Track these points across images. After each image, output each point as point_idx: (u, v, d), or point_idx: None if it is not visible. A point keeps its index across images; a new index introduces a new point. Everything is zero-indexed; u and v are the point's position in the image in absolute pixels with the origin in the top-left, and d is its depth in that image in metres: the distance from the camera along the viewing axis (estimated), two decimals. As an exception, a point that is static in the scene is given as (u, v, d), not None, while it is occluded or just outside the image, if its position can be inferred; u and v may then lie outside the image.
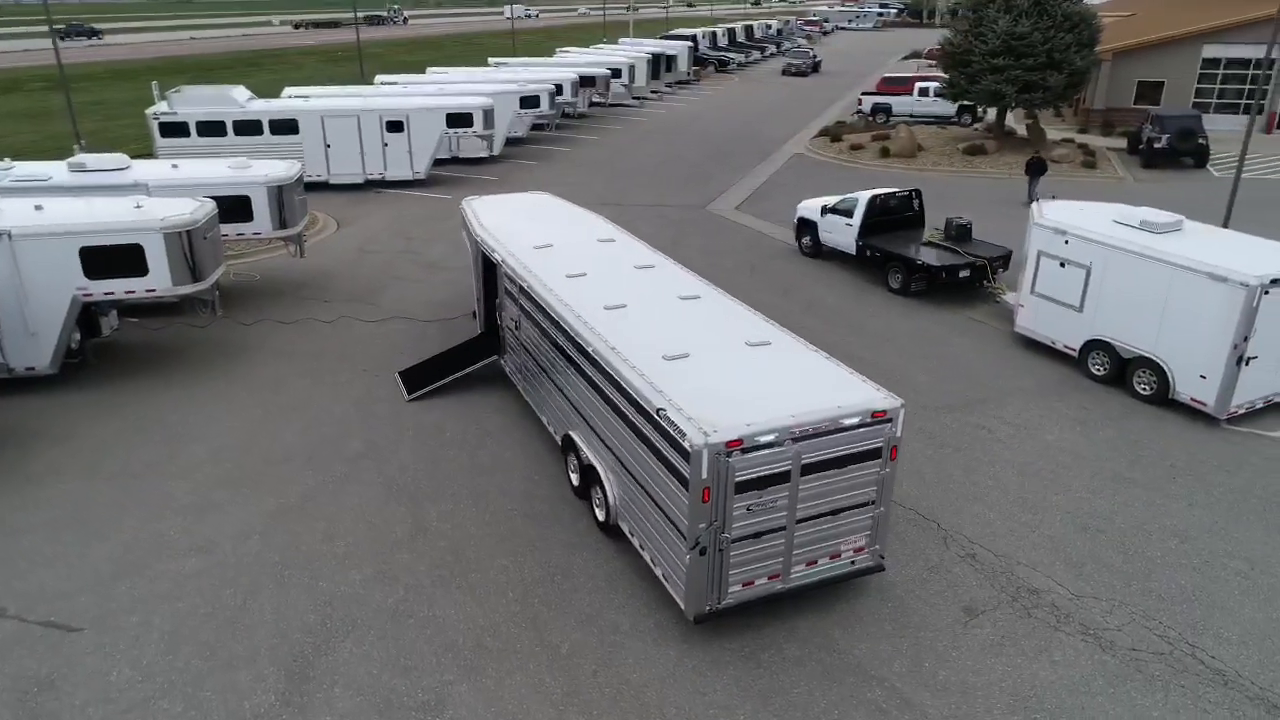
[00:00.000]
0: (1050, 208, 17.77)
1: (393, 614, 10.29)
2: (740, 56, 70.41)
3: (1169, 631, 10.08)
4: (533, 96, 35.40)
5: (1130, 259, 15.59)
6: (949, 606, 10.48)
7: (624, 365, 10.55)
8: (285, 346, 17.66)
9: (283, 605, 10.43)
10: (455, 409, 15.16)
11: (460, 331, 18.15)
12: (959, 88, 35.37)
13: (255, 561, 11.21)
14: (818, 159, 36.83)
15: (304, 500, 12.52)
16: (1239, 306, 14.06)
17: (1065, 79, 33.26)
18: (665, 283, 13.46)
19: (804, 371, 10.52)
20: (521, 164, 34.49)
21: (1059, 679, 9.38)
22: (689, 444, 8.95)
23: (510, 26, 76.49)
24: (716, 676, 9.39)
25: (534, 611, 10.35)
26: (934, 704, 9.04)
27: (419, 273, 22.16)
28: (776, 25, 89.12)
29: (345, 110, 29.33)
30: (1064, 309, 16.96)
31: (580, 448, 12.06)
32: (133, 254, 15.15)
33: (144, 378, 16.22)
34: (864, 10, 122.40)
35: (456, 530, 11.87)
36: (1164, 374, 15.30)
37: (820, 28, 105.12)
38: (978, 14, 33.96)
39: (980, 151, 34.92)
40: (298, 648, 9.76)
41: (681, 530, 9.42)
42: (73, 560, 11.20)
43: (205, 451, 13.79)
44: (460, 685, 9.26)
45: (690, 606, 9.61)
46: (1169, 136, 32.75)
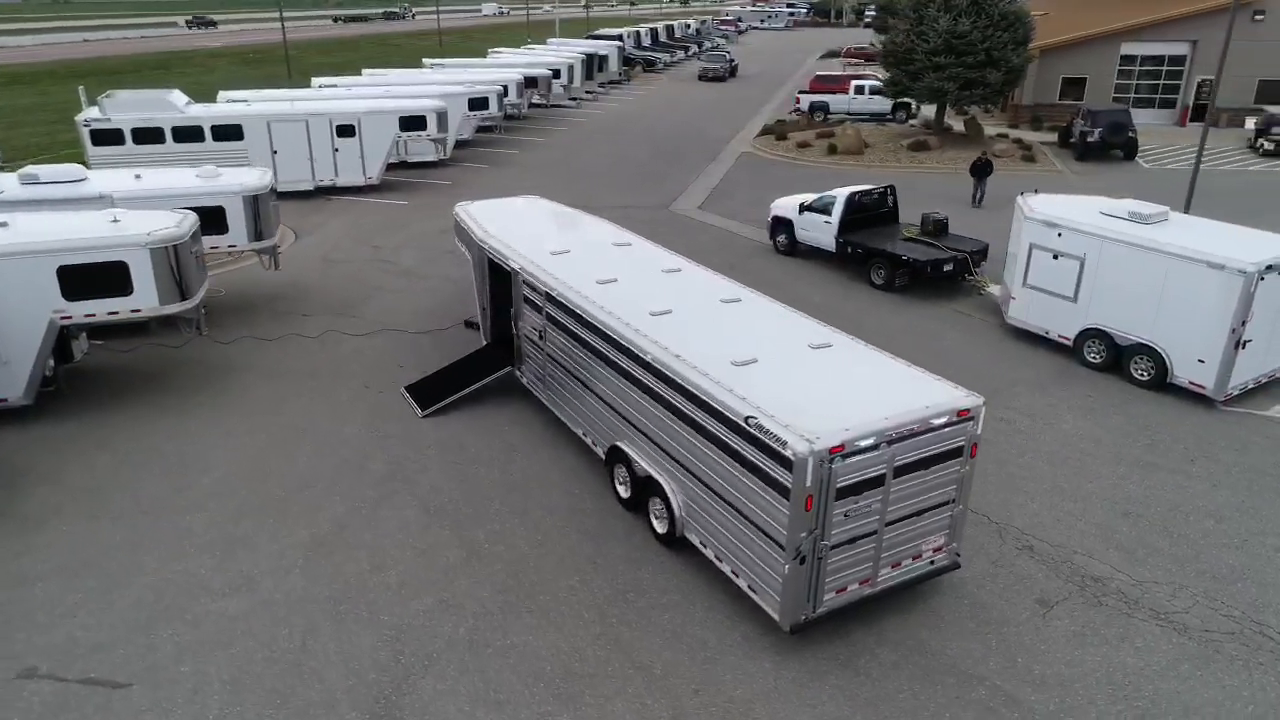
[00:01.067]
0: (1038, 201, 18.24)
1: (468, 644, 9.78)
2: (666, 56, 70.58)
3: (1232, 611, 10.40)
4: (481, 98, 34.60)
5: (1126, 249, 16.11)
6: (1023, 600, 10.57)
7: (693, 373, 10.28)
8: (274, 365, 16.71)
9: (347, 643, 9.78)
10: (472, 424, 14.59)
11: (456, 342, 17.55)
12: (901, 85, 36.19)
13: (303, 597, 10.50)
14: (766, 157, 37.11)
15: (338, 529, 11.82)
16: (1237, 292, 14.66)
17: (1003, 76, 34.40)
18: (699, 286, 13.24)
19: (875, 372, 10.46)
20: (472, 168, 33.68)
21: (1147, 665, 9.56)
22: (792, 452, 8.75)
23: (436, 26, 74.77)
24: (820, 687, 9.22)
25: (615, 632, 9.99)
26: (1039, 699, 9.08)
27: (395, 282, 21.33)
28: (695, 25, 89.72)
29: (293, 114, 28.05)
30: (1058, 300, 17.42)
31: (633, 459, 11.73)
32: (116, 272, 14.05)
33: (128, 405, 15.08)
34: (775, 10, 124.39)
35: (510, 551, 11.38)
36: (1162, 360, 15.86)
37: (736, 27, 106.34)
38: (918, 13, 34.78)
39: (924, 147, 35.79)
40: (375, 688, 9.17)
41: (778, 540, 9.21)
42: (97, 608, 10.28)
43: (214, 482, 12.88)
44: (562, 716, 8.84)
45: (786, 617, 9.42)
46: (1101, 130, 34.19)
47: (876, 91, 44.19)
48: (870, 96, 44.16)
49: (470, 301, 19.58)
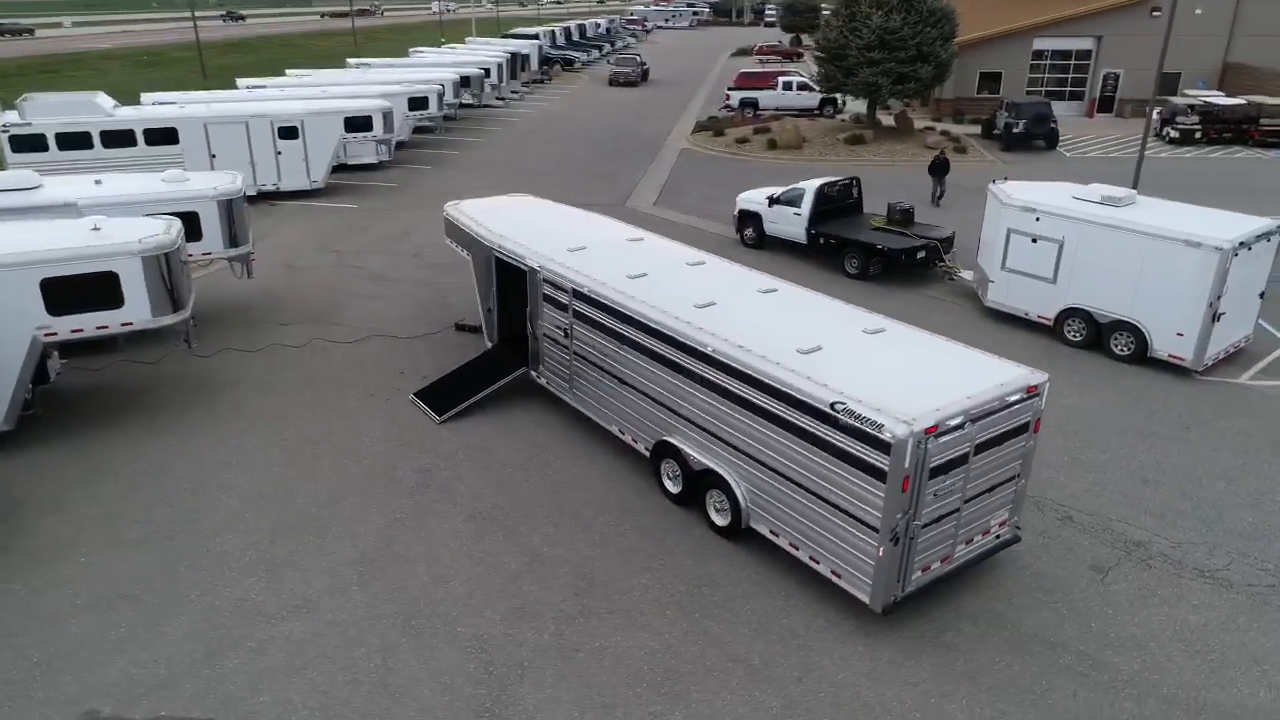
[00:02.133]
0: (1010, 188, 18.96)
1: (557, 650, 9.53)
2: (583, 55, 70.34)
3: (1266, 565, 11.05)
4: (421, 98, 33.74)
5: (1104, 231, 16.90)
6: (1078, 567, 10.98)
7: (762, 363, 10.28)
8: (265, 377, 15.90)
9: (430, 658, 9.40)
10: (494, 428, 14.22)
11: (451, 346, 17.13)
12: (836, 80, 37.04)
13: (369, 615, 10.04)
14: (707, 153, 37.42)
15: (386, 542, 11.34)
16: (1213, 268, 15.57)
17: (933, 70, 35.65)
18: (731, 277, 13.27)
19: (935, 354, 10.69)
20: (416, 169, 32.81)
21: (1207, 622, 10.06)
22: (890, 435, 8.85)
23: (351, 26, 72.53)
24: (916, 665, 9.37)
25: (702, 626, 9.91)
26: (1122, 661, 9.45)
27: (369, 287, 20.60)
28: (605, 24, 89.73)
29: (232, 116, 26.77)
30: (1037, 282, 18.16)
31: (686, 453, 11.65)
32: (105, 283, 13.12)
33: (120, 426, 14.10)
34: (679, 10, 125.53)
35: (571, 554, 11.15)
36: (1142, 335, 16.72)
37: (643, 26, 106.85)
38: (850, 10, 35.68)
39: (860, 141, 36.74)
40: (474, 701, 8.84)
41: (869, 523, 9.31)
42: (148, 641, 9.59)
43: (238, 501, 12.18)
44: (675, 714, 8.72)
45: (877, 599, 9.53)
46: (1025, 122, 35.84)
47: (804, 87, 45.18)
48: (798, 92, 45.06)
49: (461, 304, 19.21)
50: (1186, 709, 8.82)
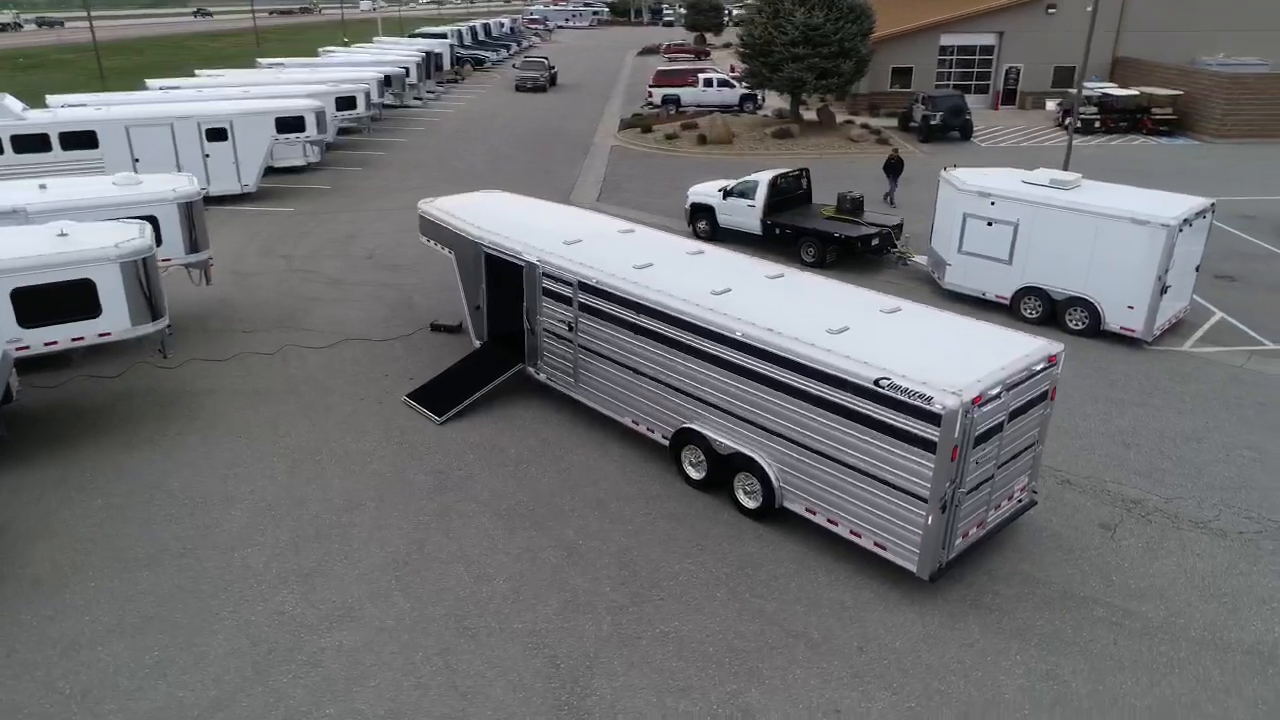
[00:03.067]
0: (962, 174, 19.79)
1: (620, 639, 9.52)
2: (493, 54, 69.50)
3: (1249, 513, 11.94)
4: (349, 97, 32.76)
5: (1057, 213, 17.84)
6: (1088, 526, 11.62)
7: (796, 344, 10.50)
8: (242, 386, 15.23)
9: (493, 657, 9.25)
10: (495, 426, 14.02)
11: (429, 346, 16.83)
12: (761, 76, 37.76)
13: (420, 619, 9.79)
14: (639, 149, 37.57)
15: (416, 546, 11.06)
16: (1161, 244, 16.65)
17: (854, 65, 36.78)
18: (735, 264, 13.47)
19: (954, 329, 11.12)
20: (346, 171, 31.83)
21: (1213, 568, 10.81)
22: (940, 406, 9.19)
23: (253, 24, 69.52)
24: (966, 627, 9.75)
25: (755, 606, 10.06)
26: (1149, 609, 10.06)
27: (329, 291, 19.94)
28: (509, 23, 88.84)
29: (156, 118, 25.42)
30: (993, 263, 19.02)
31: (711, 439, 11.78)
32: (81, 292, 12.36)
33: (92, 443, 13.27)
34: (578, 9, 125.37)
35: (608, 544, 11.13)
36: (1095, 309, 17.74)
37: (544, 25, 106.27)
38: (774, 7, 36.44)
39: (787, 135, 37.58)
40: (551, 695, 8.75)
41: (916, 493, 9.63)
42: (188, 663, 9.10)
43: (247, 514, 11.66)
44: (751, 691, 8.84)
45: (925, 567, 9.87)
46: (942, 114, 37.34)
47: (724, 84, 45.88)
48: (719, 89, 45.72)
49: (429, 304, 18.82)
50: (1215, 649, 9.47)
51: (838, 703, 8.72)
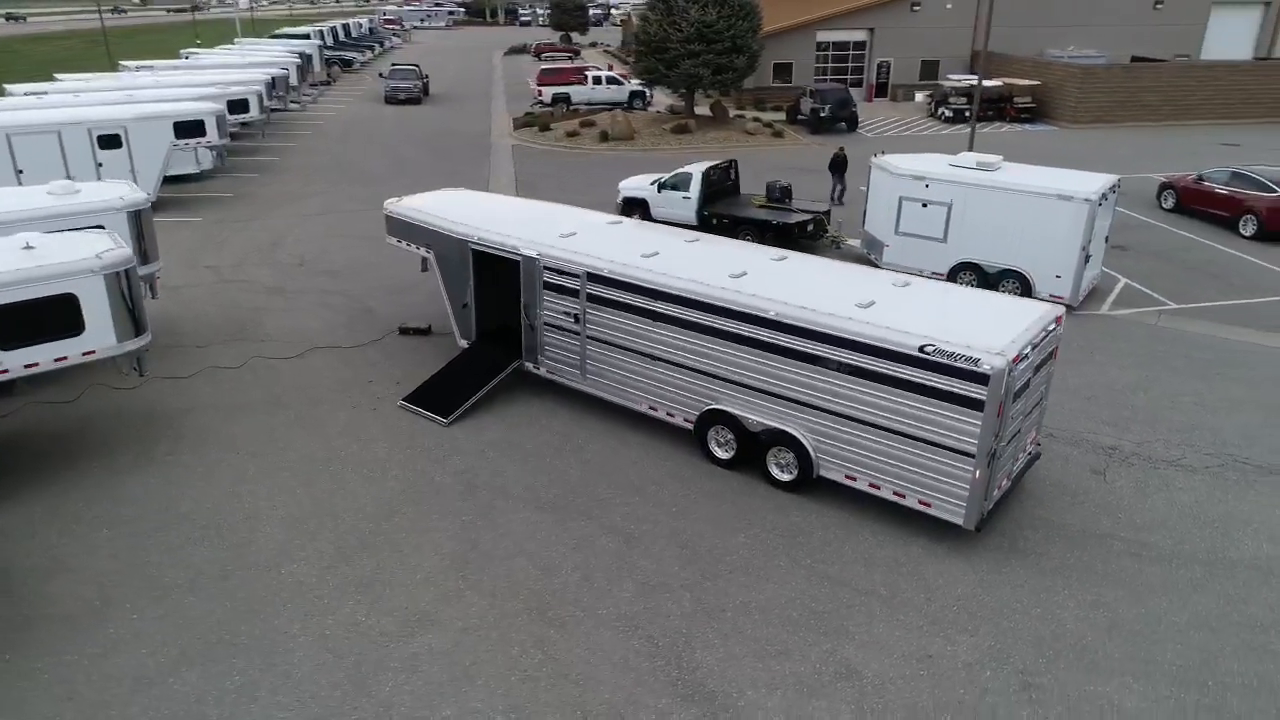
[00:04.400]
0: (892, 160, 20.97)
1: (706, 613, 9.76)
2: (360, 55, 67.17)
3: (1208, 450, 13.38)
4: (241, 100, 31.03)
5: (988, 192, 19.24)
6: (1081, 472, 12.73)
7: (832, 319, 11.02)
8: (218, 400, 14.41)
9: (590, 644, 9.30)
10: (504, 424, 13.90)
11: (403, 350, 16.52)
12: (658, 73, 38.38)
13: (501, 615, 9.69)
14: (540, 148, 37.45)
15: (469, 546, 10.89)
16: (1084, 217, 18.28)
17: (747, 61, 38.00)
18: (738, 249, 13.96)
19: (964, 298, 11.97)
20: (244, 177, 30.21)
21: (1195, 500, 12.09)
22: (988, 366, 9.91)
23: (101, 25, 64.25)
24: (1013, 570, 10.55)
25: (819, 570, 10.51)
26: (1158, 539, 11.18)
27: (272, 300, 19.02)
28: (368, 24, 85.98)
29: (40, 124, 23.37)
30: (929, 242, 20.28)
31: (741, 418, 12.15)
32: (63, 308, 11.41)
33: (73, 472, 12.27)
34: (434, 9, 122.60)
35: (658, 527, 11.32)
36: (1026, 280, 19.25)
37: (401, 26, 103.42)
38: (668, 4, 37.12)
39: (686, 130, 38.41)
40: (661, 674, 8.90)
41: (964, 450, 10.34)
42: (275, 685, 8.70)
43: (279, 530, 11.14)
44: (845, 647, 9.29)
45: (970, 519, 10.61)
46: (830, 106, 39.14)
47: (613, 81, 46.34)
48: (608, 86, 46.14)
49: (388, 309, 18.32)
50: (1223, 567, 10.65)
51: (926, 649, 9.29)
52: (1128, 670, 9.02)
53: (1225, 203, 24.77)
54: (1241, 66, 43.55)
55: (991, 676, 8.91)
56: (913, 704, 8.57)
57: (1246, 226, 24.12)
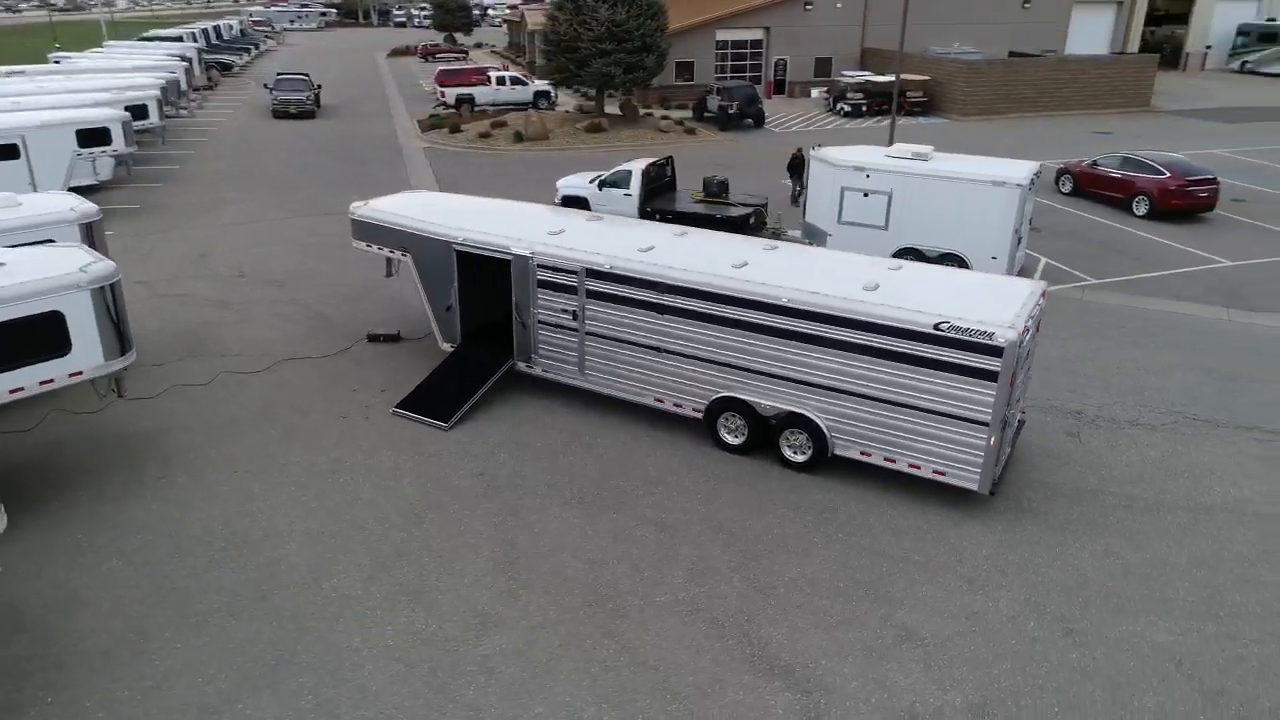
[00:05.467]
0: (830, 152, 21.80)
1: (759, 592, 10.06)
2: (238, 59, 64.10)
3: (1158, 409, 14.61)
4: (140, 105, 29.24)
5: (926, 181, 20.29)
6: (1057, 436, 13.69)
7: (845, 303, 11.52)
8: (197, 419, 13.72)
9: (660, 630, 9.46)
10: (504, 425, 13.80)
11: (377, 357, 16.17)
12: (568, 72, 38.40)
13: (562, 610, 9.72)
14: (453, 149, 36.85)
15: (507, 547, 10.83)
16: (1016, 201, 19.54)
17: (656, 60, 38.51)
18: (729, 241, 14.26)
19: (956, 278, 12.71)
20: (146, 187, 28.43)
21: (1164, 455, 13.21)
22: (1002, 339, 10.60)
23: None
24: (1025, 528, 11.31)
25: (853, 543, 10.98)
26: (1141, 491, 12.18)
27: (220, 314, 18.15)
28: (238, 25, 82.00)
29: (-73, 136, 21.49)
30: (871, 230, 21.18)
31: (754, 403, 12.51)
32: (49, 327, 10.66)
33: (58, 502, 11.47)
34: (305, 10, 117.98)
35: (688, 514, 11.55)
36: (964, 262, 20.40)
37: (271, 27, 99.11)
38: (576, 3, 37.18)
39: (600, 129, 38.58)
40: (735, 652, 9.15)
41: (978, 419, 11.01)
42: (355, 699, 8.49)
43: (305, 545, 10.76)
44: (898, 612, 9.76)
45: (985, 484, 11.31)
46: (738, 103, 40.10)
47: (517, 81, 46.03)
48: (512, 87, 45.78)
49: (346, 317, 17.83)
50: (1203, 512, 11.72)
51: (969, 606, 9.88)
52: (1149, 609, 9.85)
53: (1119, 185, 26.88)
54: (1104, 61, 47.16)
55: (1035, 626, 9.58)
56: (974, 658, 9.12)
57: (1139, 206, 26.26)
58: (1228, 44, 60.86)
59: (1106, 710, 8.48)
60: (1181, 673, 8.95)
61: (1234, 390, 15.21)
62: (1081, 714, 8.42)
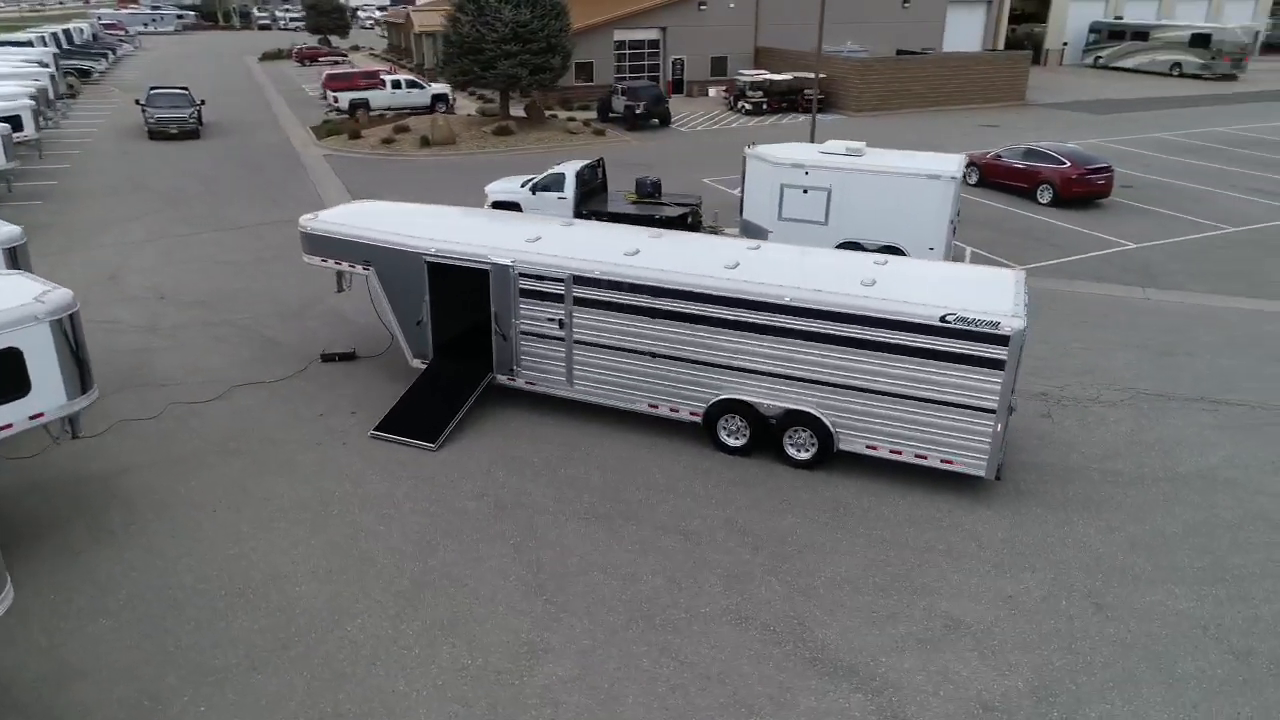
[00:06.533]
0: (765, 149, 22.05)
1: (801, 593, 10.01)
2: (98, 65, 59.60)
3: (1111, 386, 15.39)
4: (12, 117, 26.70)
5: (864, 176, 20.78)
6: (1032, 417, 14.18)
7: (849, 300, 11.62)
8: (153, 457, 12.62)
9: (714, 641, 9.26)
10: (493, 442, 13.27)
11: (336, 378, 15.36)
12: (473, 75, 37.48)
13: (610, 630, 9.39)
14: (357, 157, 35.36)
15: (533, 570, 10.39)
16: (950, 194, 20.26)
17: (562, 60, 38.10)
18: (711, 243, 14.28)
19: (941, 270, 13.03)
20: (23, 205, 26.00)
21: (1128, 428, 13.92)
22: (1008, 329, 10.91)
23: None
24: (1030, 509, 11.68)
25: (877, 536, 11.07)
26: (1123, 465, 12.79)
27: (151, 340, 16.77)
28: (90, 30, 76.30)
29: None
30: (812, 225, 21.53)
31: (756, 404, 12.46)
32: (5, 365, 9.52)
33: (19, 561, 10.26)
34: (161, 13, 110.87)
35: (709, 521, 11.38)
36: (902, 253, 20.99)
37: (125, 31, 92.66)
38: (479, 4, 36.33)
39: (508, 132, 37.86)
40: (796, 655, 9.06)
41: (985, 407, 11.30)
42: (412, 747, 7.92)
43: (316, 586, 10.02)
44: (939, 602, 9.89)
45: (991, 469, 11.63)
46: (645, 103, 40.13)
47: (413, 85, 44.67)
48: (408, 90, 44.40)
49: (288, 336, 16.85)
50: (1182, 481, 12.40)
51: (1002, 590, 10.12)
52: (1164, 579, 10.34)
53: (1023, 175, 28.31)
54: (984, 58, 49.69)
55: (1068, 605, 9.89)
56: (1022, 641, 9.33)
57: (1043, 195, 27.72)
58: (1082, 41, 65.22)
59: (1154, 679, 8.83)
60: (1210, 637, 9.42)
61: (1172, 365, 16.20)
62: (1135, 687, 8.74)
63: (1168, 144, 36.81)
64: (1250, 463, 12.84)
